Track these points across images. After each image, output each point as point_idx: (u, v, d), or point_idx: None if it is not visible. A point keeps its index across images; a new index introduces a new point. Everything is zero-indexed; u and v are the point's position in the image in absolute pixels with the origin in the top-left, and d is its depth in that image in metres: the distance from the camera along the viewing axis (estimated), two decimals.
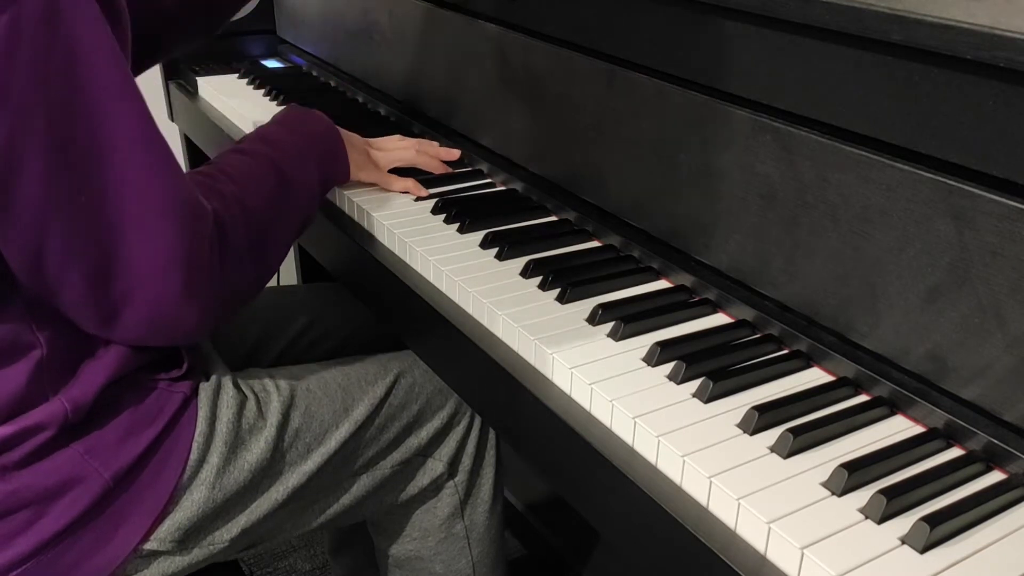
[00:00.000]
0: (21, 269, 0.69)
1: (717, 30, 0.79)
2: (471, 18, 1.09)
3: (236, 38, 1.63)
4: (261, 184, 0.84)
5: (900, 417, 0.68)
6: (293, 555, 1.64)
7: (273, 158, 0.87)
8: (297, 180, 0.88)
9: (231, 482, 0.82)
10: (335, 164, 0.97)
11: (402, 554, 1.04)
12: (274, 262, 0.86)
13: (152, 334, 0.75)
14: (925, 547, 0.55)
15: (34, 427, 0.72)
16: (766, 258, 0.77)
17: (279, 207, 0.85)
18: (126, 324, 0.72)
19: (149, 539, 0.79)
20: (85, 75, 0.64)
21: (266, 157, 0.86)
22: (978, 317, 0.63)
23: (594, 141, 0.93)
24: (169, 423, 0.79)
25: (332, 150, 0.97)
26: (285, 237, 0.86)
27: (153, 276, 0.70)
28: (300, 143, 0.92)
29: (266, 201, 0.83)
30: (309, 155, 0.91)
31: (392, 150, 1.08)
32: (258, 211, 0.81)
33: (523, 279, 0.86)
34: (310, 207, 0.92)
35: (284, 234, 0.86)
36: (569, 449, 0.69)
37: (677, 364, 0.72)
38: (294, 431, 0.87)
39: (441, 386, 0.97)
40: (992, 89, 0.60)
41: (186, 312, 0.73)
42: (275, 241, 0.84)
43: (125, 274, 0.69)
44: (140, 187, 0.68)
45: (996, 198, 0.60)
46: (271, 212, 0.83)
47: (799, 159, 0.72)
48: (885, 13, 0.64)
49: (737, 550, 0.58)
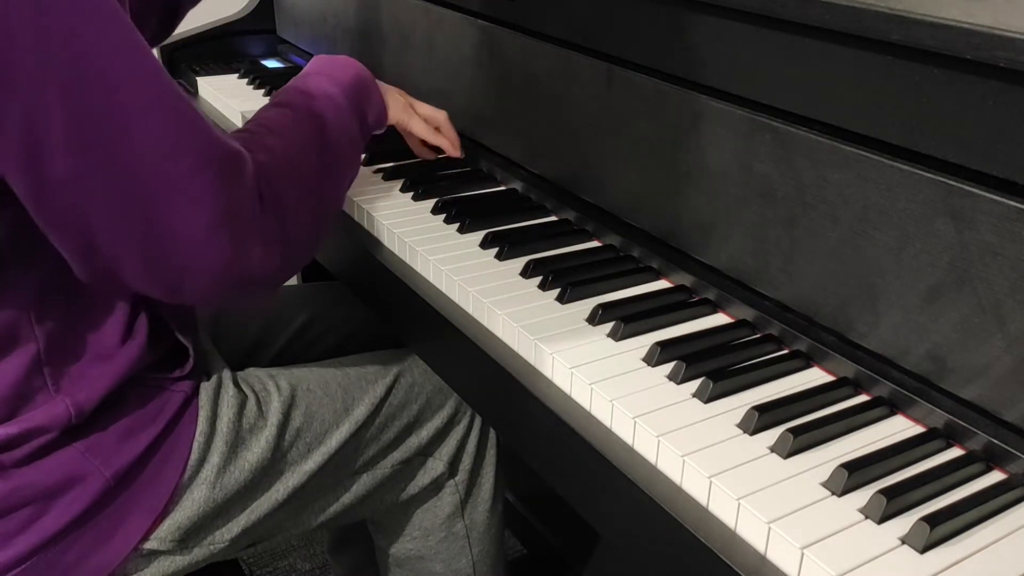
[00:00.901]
0: (76, 257, 0.67)
1: (717, 30, 0.79)
2: (471, 17, 1.09)
3: (236, 38, 1.63)
4: (304, 135, 0.83)
5: (900, 417, 0.68)
6: (293, 554, 1.64)
7: (313, 108, 0.86)
8: (339, 127, 0.88)
9: (232, 481, 0.82)
10: (372, 107, 0.97)
11: (402, 553, 1.04)
12: (329, 211, 0.85)
13: (227, 292, 0.73)
14: (925, 547, 0.55)
15: (36, 429, 0.72)
16: (766, 258, 0.77)
17: (324, 156, 0.84)
18: (194, 290, 0.71)
19: (149, 538, 0.79)
20: (88, 43, 0.61)
21: (306, 108, 0.86)
22: (978, 317, 0.63)
23: (594, 141, 0.94)
24: (170, 423, 0.79)
25: (367, 95, 0.96)
26: (334, 184, 0.86)
27: (202, 240, 0.68)
28: (336, 91, 0.91)
29: (312, 152, 0.83)
30: (347, 102, 0.91)
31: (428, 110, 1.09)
32: (305, 161, 0.81)
33: (523, 279, 0.86)
34: (355, 153, 0.92)
35: (333, 181, 0.86)
36: (569, 449, 0.69)
37: (677, 364, 0.72)
38: (295, 430, 0.87)
39: (441, 385, 0.97)
40: (992, 89, 0.60)
41: (251, 265, 0.72)
42: (326, 189, 0.84)
43: (175, 242, 0.67)
44: (166, 149, 0.65)
45: (996, 198, 0.60)
46: (317, 161, 0.83)
47: (799, 159, 0.72)
48: (885, 13, 0.64)
49: (737, 550, 0.58)
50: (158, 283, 0.70)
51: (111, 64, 0.62)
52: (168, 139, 0.65)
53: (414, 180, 1.06)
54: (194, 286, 0.70)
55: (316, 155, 0.83)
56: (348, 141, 0.90)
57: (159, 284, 0.70)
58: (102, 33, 0.62)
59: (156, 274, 0.69)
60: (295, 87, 0.90)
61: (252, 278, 0.73)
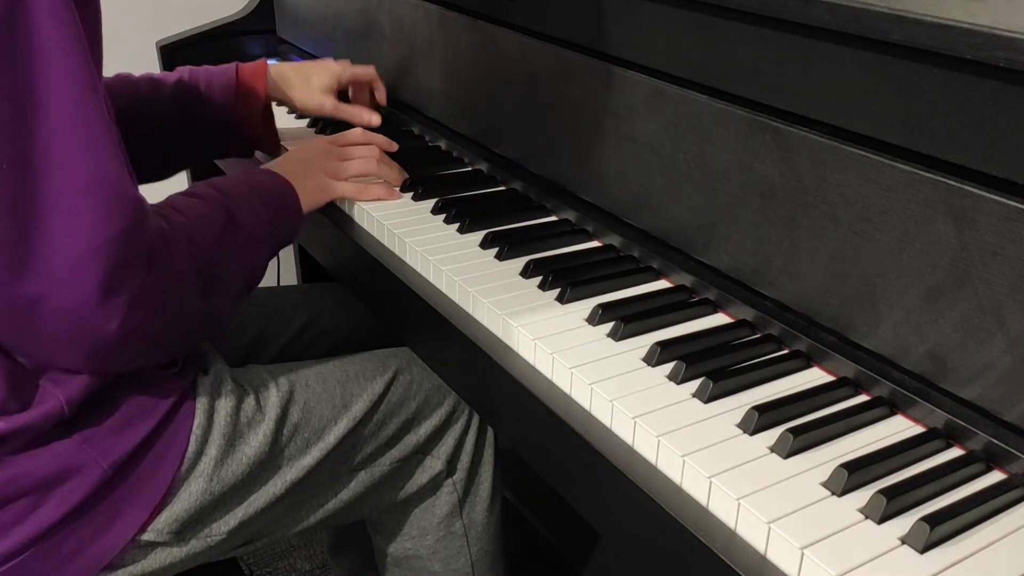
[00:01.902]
0: None
1: (717, 30, 0.79)
2: (471, 18, 1.09)
3: (236, 38, 1.63)
4: (210, 222, 0.80)
5: (900, 417, 0.68)
6: (293, 555, 1.64)
7: (222, 201, 0.83)
8: (246, 224, 0.84)
9: (229, 475, 0.82)
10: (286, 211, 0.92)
11: (401, 553, 1.04)
12: (222, 304, 0.81)
13: (65, 340, 0.67)
14: (925, 547, 0.55)
15: (27, 427, 0.72)
16: (766, 258, 0.77)
17: (227, 247, 0.80)
18: (39, 330, 0.66)
19: (146, 530, 0.79)
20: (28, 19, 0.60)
21: (215, 200, 0.83)
22: (978, 317, 0.63)
23: (594, 141, 0.94)
24: (167, 415, 0.79)
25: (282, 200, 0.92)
26: (234, 279, 0.82)
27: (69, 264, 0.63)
28: (249, 192, 0.88)
29: (215, 238, 0.79)
30: (258, 201, 0.87)
31: (354, 157, 1.04)
32: (206, 246, 0.78)
33: (523, 279, 0.86)
34: (261, 253, 0.87)
35: (233, 275, 0.81)
36: (569, 449, 0.69)
37: (677, 364, 0.72)
38: (292, 425, 0.87)
39: (439, 384, 0.97)
40: (992, 89, 0.60)
41: (103, 315, 0.66)
42: (223, 281, 0.80)
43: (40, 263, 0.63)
44: (66, 160, 0.62)
45: (996, 198, 0.60)
46: (219, 250, 0.79)
47: (799, 159, 0.72)
48: (885, 13, 0.64)
49: (737, 550, 0.58)
50: (4, 308, 0.65)
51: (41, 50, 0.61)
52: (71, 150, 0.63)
53: (414, 180, 1.06)
54: (41, 320, 0.65)
55: (221, 245, 0.79)
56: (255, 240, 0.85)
57: (3, 310, 0.65)
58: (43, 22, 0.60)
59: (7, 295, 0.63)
60: (208, 183, 0.87)
61: (102, 334, 0.67)
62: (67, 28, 0.62)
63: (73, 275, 0.64)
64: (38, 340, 0.68)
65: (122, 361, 0.73)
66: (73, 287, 0.64)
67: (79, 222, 0.63)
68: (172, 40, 1.57)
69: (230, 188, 0.86)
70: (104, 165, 0.65)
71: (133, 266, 0.67)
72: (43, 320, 0.65)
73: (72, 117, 0.63)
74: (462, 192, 1.06)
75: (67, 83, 0.63)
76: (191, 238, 0.76)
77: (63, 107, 0.63)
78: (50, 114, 0.62)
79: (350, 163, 1.03)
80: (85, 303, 0.65)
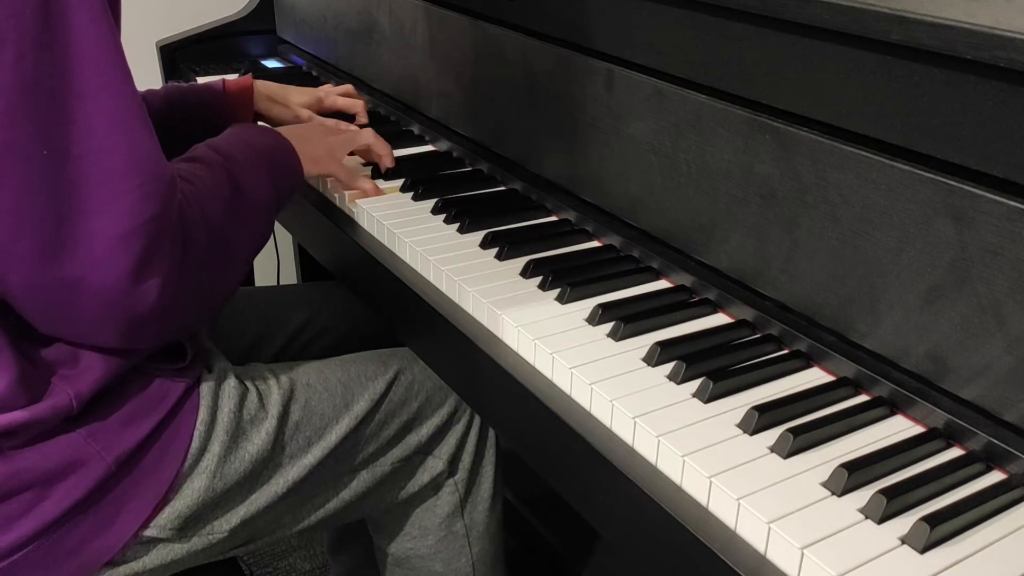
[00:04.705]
0: None
1: (717, 30, 0.79)
2: (471, 18, 1.09)
3: (236, 38, 1.63)
4: (217, 189, 0.81)
5: (900, 417, 0.68)
6: (293, 555, 1.65)
7: (226, 166, 0.84)
8: (250, 188, 0.85)
9: (232, 472, 0.83)
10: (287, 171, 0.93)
11: (402, 552, 1.04)
12: (234, 271, 0.82)
13: (101, 320, 0.69)
14: (925, 547, 0.55)
15: (36, 421, 0.72)
16: (766, 258, 0.77)
17: (235, 214, 0.81)
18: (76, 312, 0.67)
19: (149, 525, 0.79)
20: (63, 13, 0.61)
21: (219, 165, 0.84)
22: (978, 317, 0.63)
23: (594, 141, 0.94)
24: (171, 411, 0.80)
25: (283, 160, 0.93)
26: (244, 242, 0.83)
27: (110, 246, 0.65)
28: (249, 152, 0.88)
29: (223, 207, 0.80)
30: (260, 163, 0.88)
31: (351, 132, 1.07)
32: (216, 215, 0.78)
33: (523, 279, 0.86)
34: (265, 215, 0.87)
35: (242, 240, 0.82)
36: (569, 449, 0.70)
37: (677, 364, 0.72)
38: (294, 424, 0.87)
39: (440, 384, 0.97)
40: (992, 89, 0.60)
41: (138, 293, 0.68)
42: (234, 247, 0.81)
43: (81, 246, 0.64)
44: (106, 144, 0.64)
45: (996, 198, 0.60)
46: (228, 218, 0.80)
47: (799, 159, 0.72)
48: (885, 13, 0.64)
49: (737, 550, 0.58)
50: (42, 292, 0.66)
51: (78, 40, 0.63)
52: (110, 133, 0.64)
53: (414, 180, 1.06)
54: (78, 301, 0.67)
55: (229, 212, 0.80)
56: (261, 201, 0.86)
57: (43, 293, 0.66)
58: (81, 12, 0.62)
59: (45, 280, 0.65)
60: (208, 145, 0.88)
61: (136, 311, 0.69)
62: (100, 20, 0.64)
63: (112, 256, 0.66)
64: (74, 321, 0.69)
65: (155, 335, 0.75)
66: (111, 268, 0.66)
67: (120, 203, 0.65)
68: (172, 40, 1.57)
69: (232, 150, 0.87)
70: (141, 146, 0.67)
71: (164, 244, 0.69)
72: (80, 302, 0.67)
73: (110, 102, 0.65)
74: (462, 192, 1.06)
75: (103, 71, 0.65)
76: (202, 208, 0.77)
77: (101, 94, 0.64)
78: (88, 101, 0.64)
79: (346, 136, 1.06)
80: (121, 282, 0.67)
